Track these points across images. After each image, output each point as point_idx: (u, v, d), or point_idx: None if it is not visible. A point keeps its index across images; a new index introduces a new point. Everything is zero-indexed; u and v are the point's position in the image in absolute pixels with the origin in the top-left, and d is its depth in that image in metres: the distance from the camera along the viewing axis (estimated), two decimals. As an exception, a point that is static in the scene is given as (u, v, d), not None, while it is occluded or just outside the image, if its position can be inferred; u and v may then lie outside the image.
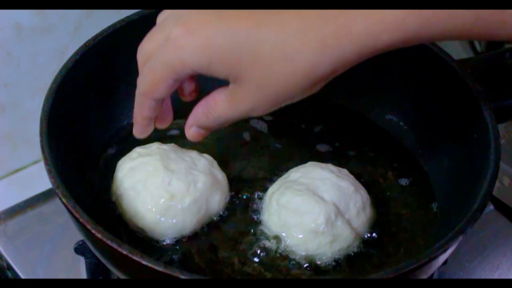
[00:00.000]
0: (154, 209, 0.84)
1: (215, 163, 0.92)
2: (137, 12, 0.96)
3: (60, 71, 0.86)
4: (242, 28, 0.64)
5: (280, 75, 0.64)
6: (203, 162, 0.90)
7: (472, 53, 1.25)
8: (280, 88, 0.65)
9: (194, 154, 0.91)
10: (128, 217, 0.85)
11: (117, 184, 0.87)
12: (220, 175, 0.90)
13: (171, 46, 0.66)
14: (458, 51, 1.24)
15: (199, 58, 0.65)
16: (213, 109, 0.72)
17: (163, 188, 0.85)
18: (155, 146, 0.91)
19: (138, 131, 0.79)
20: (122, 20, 0.95)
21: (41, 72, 1.04)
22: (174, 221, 0.84)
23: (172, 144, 0.92)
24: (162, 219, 0.84)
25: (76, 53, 0.89)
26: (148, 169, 0.86)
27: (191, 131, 0.78)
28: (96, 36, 0.92)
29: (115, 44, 0.95)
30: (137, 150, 0.90)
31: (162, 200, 0.84)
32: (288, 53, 0.63)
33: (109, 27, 0.94)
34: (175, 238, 0.85)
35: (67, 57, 0.89)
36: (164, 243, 0.84)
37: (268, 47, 0.63)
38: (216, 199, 0.87)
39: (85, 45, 0.91)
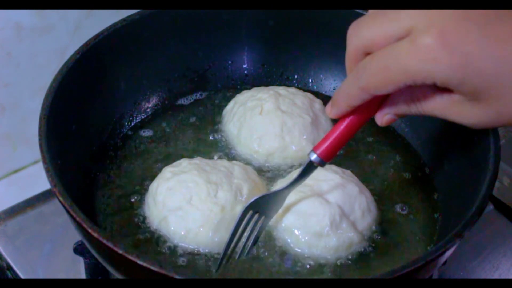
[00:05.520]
0: (206, 225, 0.81)
1: (248, 168, 0.90)
2: (138, 12, 0.97)
3: (61, 70, 0.86)
4: (509, 54, 0.59)
5: None
6: (238, 169, 0.88)
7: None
8: None
9: (225, 162, 0.89)
10: (178, 239, 0.83)
11: (159, 208, 0.84)
12: (257, 179, 0.89)
13: (418, 54, 0.60)
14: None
15: (452, 76, 0.61)
16: (421, 105, 0.68)
17: (211, 202, 0.82)
18: (185, 162, 0.88)
19: (334, 114, 0.74)
20: (124, 19, 0.95)
21: (41, 72, 1.04)
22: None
23: (199, 158, 0.91)
24: (217, 233, 0.82)
25: (76, 52, 0.89)
26: (189, 185, 0.84)
27: (386, 118, 0.73)
28: (97, 35, 0.92)
29: (116, 44, 0.95)
30: (169, 169, 0.88)
31: (213, 213, 0.82)
32: None
33: (110, 27, 0.94)
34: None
35: (67, 57, 0.89)
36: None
37: None
38: None
39: (86, 44, 0.91)
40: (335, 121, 1.01)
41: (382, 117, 0.73)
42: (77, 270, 0.95)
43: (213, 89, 1.07)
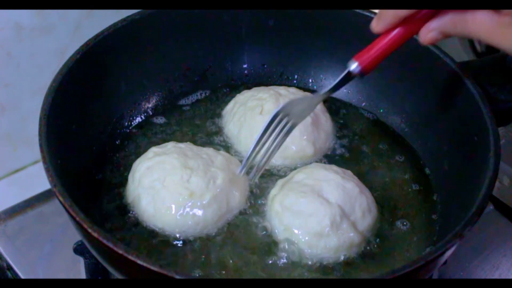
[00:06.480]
0: (173, 207, 0.83)
1: (233, 159, 0.91)
2: (138, 12, 0.97)
3: (61, 70, 0.86)
4: None
5: None
6: (220, 159, 0.89)
7: (472, 55, 1.24)
8: None
9: (210, 151, 0.90)
10: (146, 217, 0.85)
11: (135, 185, 0.87)
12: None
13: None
14: (459, 53, 1.24)
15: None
16: (468, 26, 0.71)
17: (182, 186, 0.84)
18: (170, 145, 0.90)
19: (381, 27, 0.75)
20: (124, 19, 0.95)
21: (41, 72, 1.04)
22: (195, 219, 0.83)
23: (188, 143, 0.92)
24: (182, 217, 0.83)
25: (77, 52, 0.89)
26: (166, 167, 0.86)
27: (430, 35, 0.74)
28: (97, 35, 0.92)
29: (116, 44, 0.95)
30: (153, 149, 0.90)
31: (182, 197, 0.83)
32: None
33: (110, 27, 0.94)
34: (197, 236, 0.84)
35: (67, 57, 0.89)
36: (181, 242, 0.84)
37: None
38: (236, 196, 0.87)
39: (86, 44, 0.91)
40: (335, 122, 1.02)
41: (426, 34, 0.74)
42: (77, 270, 0.95)
43: (213, 89, 1.07)
